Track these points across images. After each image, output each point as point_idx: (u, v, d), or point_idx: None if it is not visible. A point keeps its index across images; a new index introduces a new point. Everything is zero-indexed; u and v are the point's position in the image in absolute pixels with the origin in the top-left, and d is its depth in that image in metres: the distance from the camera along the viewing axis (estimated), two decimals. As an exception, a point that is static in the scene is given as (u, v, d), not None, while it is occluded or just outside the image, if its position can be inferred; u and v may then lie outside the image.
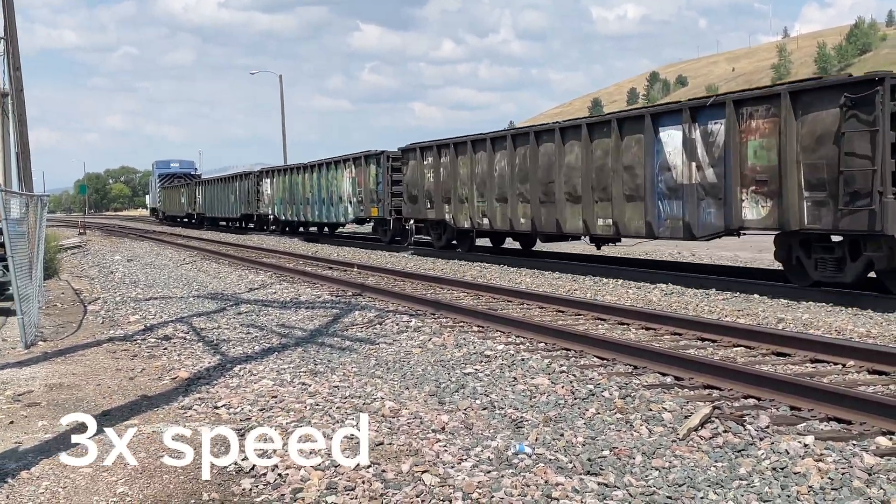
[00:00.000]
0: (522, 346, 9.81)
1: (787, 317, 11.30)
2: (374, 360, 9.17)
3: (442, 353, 9.39)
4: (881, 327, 10.35)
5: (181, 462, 5.66)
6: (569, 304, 12.56)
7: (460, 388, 7.69)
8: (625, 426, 6.36)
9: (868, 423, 6.07)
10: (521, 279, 17.21)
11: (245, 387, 7.98)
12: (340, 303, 14.02)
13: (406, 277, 17.60)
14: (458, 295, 14.76)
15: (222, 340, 10.67)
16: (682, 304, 12.85)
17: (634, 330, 10.68)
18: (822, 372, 8.00)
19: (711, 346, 9.47)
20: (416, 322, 11.64)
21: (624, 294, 14.28)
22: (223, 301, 14.68)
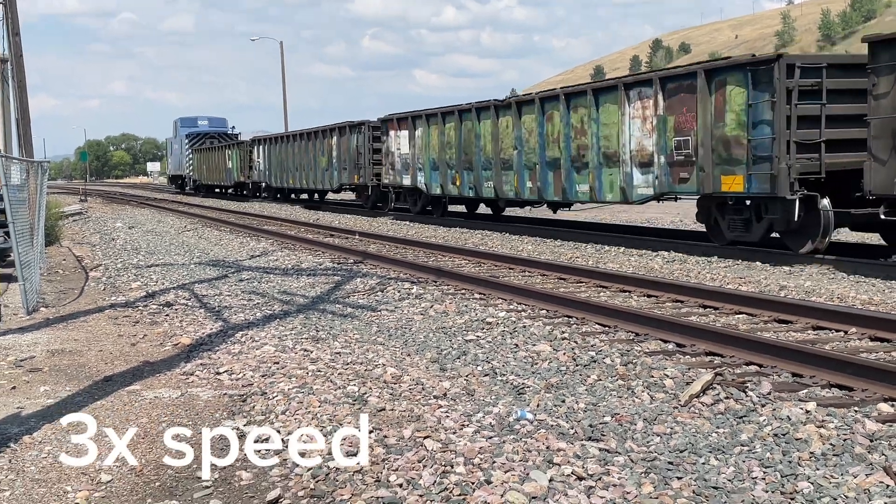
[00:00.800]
0: (524, 313, 9.80)
1: (790, 284, 11.28)
2: (375, 326, 9.17)
3: (443, 320, 9.39)
4: (883, 294, 10.33)
5: (182, 430, 5.68)
6: (571, 272, 12.54)
7: (462, 355, 7.70)
8: (626, 392, 6.36)
9: (870, 390, 6.07)
10: (524, 247, 17.19)
11: (247, 353, 7.98)
12: (342, 270, 14.01)
13: (408, 245, 17.57)
14: (460, 262, 14.74)
15: (224, 307, 10.67)
16: (685, 272, 12.83)
17: (636, 297, 10.67)
18: (823, 339, 8.00)
19: (713, 313, 9.46)
20: (417, 289, 11.63)
21: (626, 262, 14.26)
22: (225, 268, 14.67)
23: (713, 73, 14.42)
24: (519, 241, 18.21)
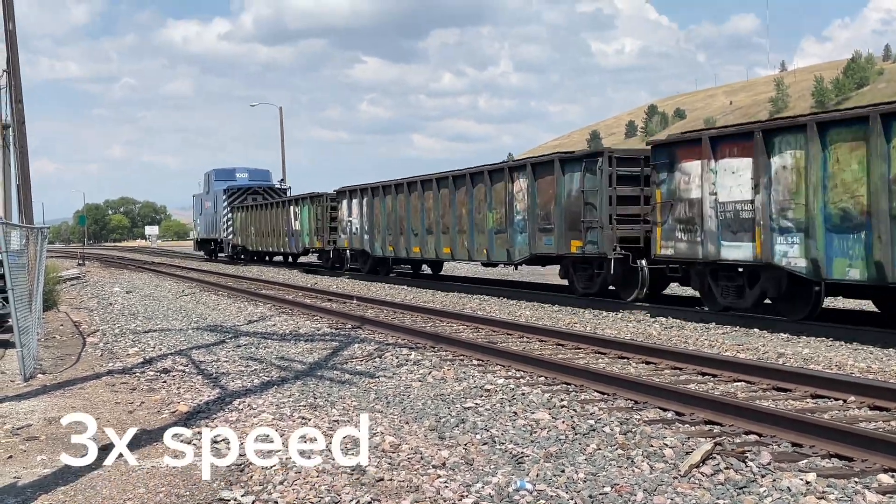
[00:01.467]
0: (522, 380, 9.79)
1: (788, 351, 11.28)
2: (373, 393, 9.14)
3: (442, 387, 9.37)
4: (881, 362, 10.33)
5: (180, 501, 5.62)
6: (568, 338, 12.55)
7: (461, 423, 7.67)
8: (626, 462, 6.34)
9: (870, 460, 6.05)
10: (521, 312, 17.20)
11: (244, 421, 7.95)
12: (340, 335, 14.00)
13: (406, 310, 17.59)
14: (458, 328, 14.74)
15: (221, 374, 10.64)
16: (682, 338, 12.84)
17: (634, 364, 10.67)
18: (822, 408, 7.99)
19: (712, 380, 9.45)
20: (415, 355, 11.62)
21: (624, 327, 14.27)
22: (222, 333, 14.66)
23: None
24: (517, 307, 18.23)
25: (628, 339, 12.28)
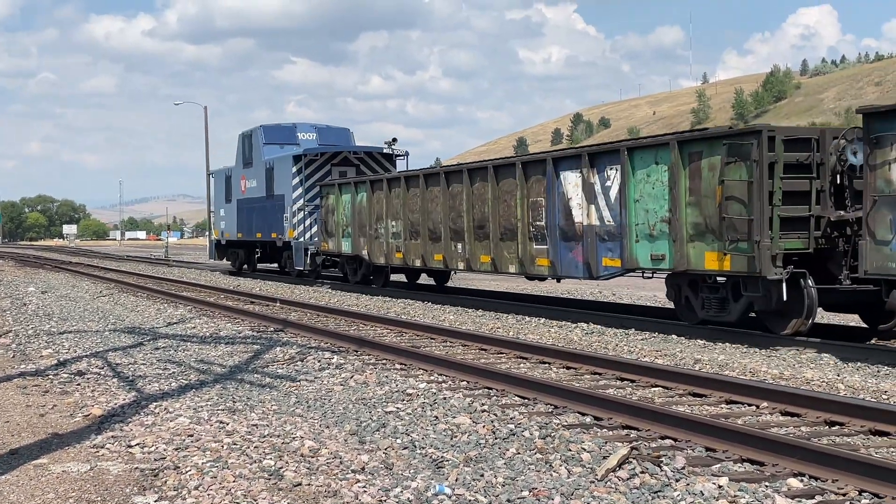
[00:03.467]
0: (445, 384, 9.81)
1: (704, 357, 11.51)
2: (294, 397, 9.06)
3: (364, 391, 9.33)
4: (793, 369, 10.61)
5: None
6: (491, 343, 12.61)
7: (381, 427, 7.65)
8: (544, 466, 6.39)
9: (780, 465, 6.20)
10: (445, 316, 17.23)
11: (160, 424, 7.80)
12: (262, 338, 13.85)
13: (329, 313, 17.48)
14: (382, 332, 14.71)
15: (138, 376, 10.43)
16: (603, 344, 13.01)
17: (556, 369, 10.77)
18: (736, 413, 8.16)
19: (631, 385, 9.59)
20: (338, 359, 11.56)
21: (546, 333, 14.40)
22: (140, 335, 14.37)
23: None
24: (441, 311, 18.26)
25: (550, 345, 12.40)
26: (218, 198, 35.28)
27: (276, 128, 30.64)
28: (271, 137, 30.14)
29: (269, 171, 29.14)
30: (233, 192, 32.77)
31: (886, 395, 8.99)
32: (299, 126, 30.76)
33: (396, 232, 21.98)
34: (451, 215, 19.71)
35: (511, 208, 17.62)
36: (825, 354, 11.59)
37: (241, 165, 31.85)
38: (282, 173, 28.04)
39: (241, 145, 31.98)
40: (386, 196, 22.41)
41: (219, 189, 35.12)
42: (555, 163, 16.46)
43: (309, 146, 29.16)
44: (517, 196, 17.38)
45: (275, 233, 28.62)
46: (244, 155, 31.63)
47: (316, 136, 30.34)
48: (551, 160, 16.58)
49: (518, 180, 17.38)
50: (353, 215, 24.11)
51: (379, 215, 22.78)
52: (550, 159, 16.65)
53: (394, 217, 22.07)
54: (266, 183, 29.30)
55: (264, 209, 29.52)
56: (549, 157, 16.86)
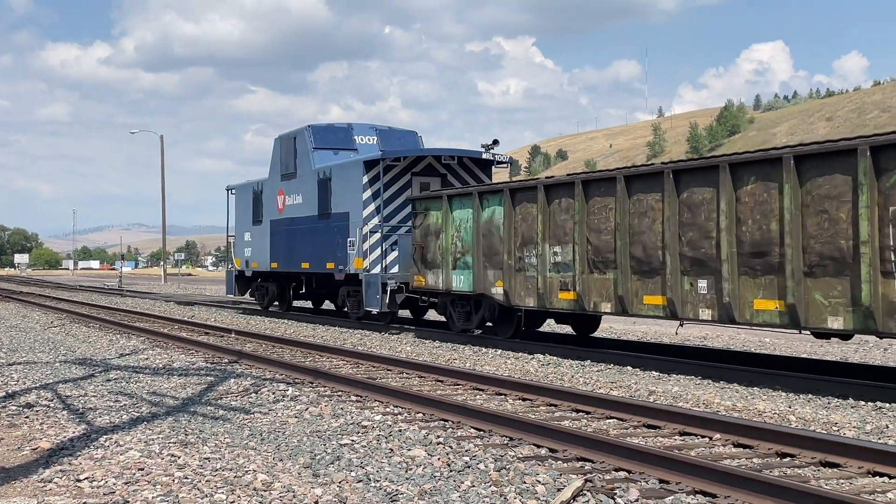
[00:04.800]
0: (400, 416, 9.76)
1: (658, 389, 11.59)
2: (248, 430, 8.96)
3: (318, 424, 9.25)
4: (746, 401, 10.71)
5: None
6: (448, 374, 12.59)
7: (336, 460, 7.59)
8: (499, 499, 6.37)
9: (732, 497, 6.24)
10: (402, 348, 17.18)
11: (110, 458, 7.67)
12: (216, 370, 13.70)
13: (285, 344, 17.35)
14: (338, 363, 14.62)
15: (89, 409, 10.26)
16: (559, 376, 13.05)
17: (511, 401, 10.77)
18: (690, 445, 8.21)
19: (586, 417, 9.62)
20: (293, 391, 11.46)
21: (502, 364, 14.41)
22: (92, 367, 14.15)
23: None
24: (397, 342, 18.21)
25: (506, 376, 12.41)
26: (241, 219, 28.58)
27: (328, 129, 24.40)
28: (322, 141, 23.89)
29: (322, 183, 22.83)
30: (264, 212, 26.57)
31: (836, 426, 9.11)
32: (356, 127, 24.53)
33: (563, 261, 15.36)
34: (686, 236, 13.03)
35: (838, 222, 11.06)
36: (777, 386, 11.73)
37: (279, 177, 25.40)
38: (344, 185, 21.84)
39: (278, 152, 25.53)
40: (541, 210, 15.74)
41: (242, 208, 28.41)
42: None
43: (368, 153, 22.85)
44: (854, 203, 10.87)
45: (332, 262, 22.29)
46: (283, 164, 25.18)
47: (377, 139, 24.22)
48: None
49: (862, 177, 10.75)
50: (474, 239, 17.41)
51: (527, 238, 16.14)
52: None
53: (559, 240, 15.43)
54: (318, 198, 23.08)
55: (314, 232, 23.30)
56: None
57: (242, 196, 28.62)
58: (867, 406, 10.33)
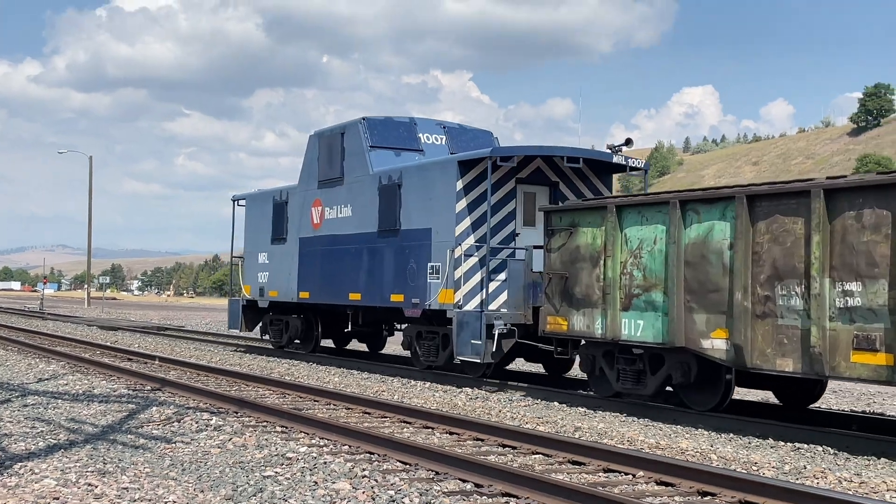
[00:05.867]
0: (326, 448, 9.66)
1: (584, 425, 11.67)
2: (169, 459, 8.78)
3: (242, 454, 9.11)
4: (669, 439, 10.85)
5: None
6: (376, 406, 12.51)
7: (258, 492, 7.47)
8: (423, 534, 6.33)
9: (654, 534, 6.27)
10: (330, 378, 17.04)
11: (24, 486, 7.44)
12: (138, 397, 13.41)
13: (210, 373, 17.07)
14: (264, 393, 14.44)
15: (3, 435, 9.95)
16: (487, 410, 13.06)
17: (439, 434, 10.75)
18: (613, 482, 8.28)
19: (512, 452, 9.63)
20: (216, 420, 11.28)
21: (431, 397, 14.38)
22: (8, 391, 13.74)
23: None
24: (326, 373, 18.06)
25: (434, 409, 12.38)
26: (254, 237, 23.50)
27: (387, 124, 19.38)
28: (381, 138, 19.05)
29: (387, 191, 17.95)
30: (290, 227, 21.55)
31: (756, 466, 9.27)
32: (419, 123, 19.76)
33: (864, 306, 10.23)
34: None
35: None
36: (700, 425, 11.91)
37: (315, 184, 20.45)
38: (425, 193, 17.02)
39: (315, 153, 20.58)
40: (819, 227, 10.62)
41: (256, 223, 23.39)
42: None
43: (436, 155, 18.88)
44: None
45: (399, 293, 17.49)
46: (322, 167, 20.22)
47: (445, 138, 19.68)
48: None
49: None
50: (670, 268, 12.29)
51: (784, 269, 11.04)
52: None
53: (856, 274, 10.31)
54: (380, 210, 18.12)
55: (372, 254, 18.41)
56: None
57: (257, 208, 23.48)
58: (786, 446, 10.54)
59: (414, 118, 19.79)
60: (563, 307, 14.10)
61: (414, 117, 19.75)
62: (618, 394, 13.60)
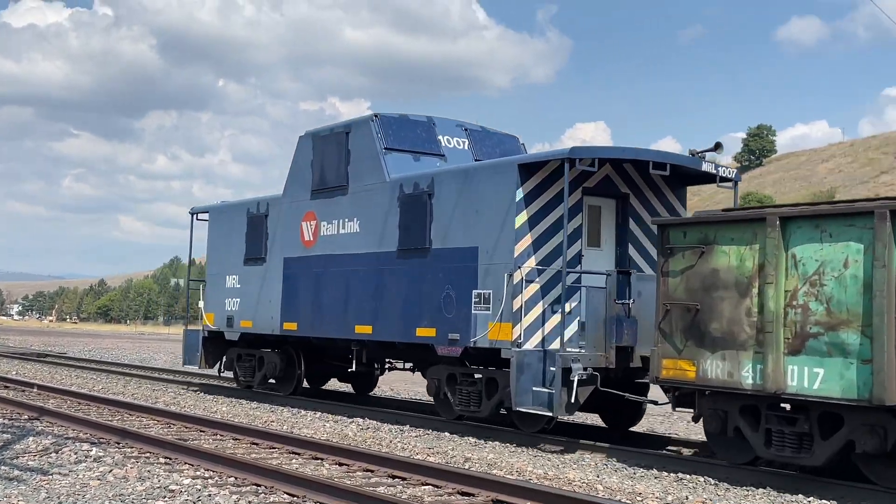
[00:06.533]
0: (211, 480, 9.43)
1: (474, 456, 11.71)
2: (45, 492, 8.44)
3: (123, 486, 8.82)
4: (557, 469, 10.97)
5: None
6: (264, 437, 12.31)
7: (139, 526, 7.23)
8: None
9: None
10: (218, 408, 16.68)
11: None
12: (13, 427, 12.86)
13: (92, 401, 16.51)
14: (148, 423, 14.03)
15: None
16: (377, 440, 12.98)
17: (328, 465, 10.62)
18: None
19: (402, 483, 9.59)
20: (97, 451, 10.89)
21: (321, 427, 14.22)
22: None
23: None
24: (213, 402, 17.67)
25: (324, 440, 12.24)
26: (221, 256, 20.15)
27: (403, 123, 16.48)
28: (397, 139, 16.18)
29: (412, 202, 15.03)
30: (272, 245, 18.35)
31: (640, 496, 9.45)
32: (438, 123, 17.03)
33: None
34: None
35: None
36: (586, 457, 12.09)
37: (308, 193, 17.42)
38: (471, 204, 14.03)
39: (307, 156, 17.55)
40: None
41: (223, 241, 20.14)
42: None
43: (458, 161, 16.16)
44: None
45: (429, 327, 14.53)
46: (317, 173, 17.24)
47: (468, 142, 17.05)
48: None
49: None
50: (875, 301, 9.45)
51: None
52: None
53: None
54: (401, 224, 15.16)
55: (387, 278, 15.44)
56: None
57: (224, 223, 20.11)
58: (670, 477, 10.78)
59: (432, 117, 16.99)
60: (688, 347, 11.05)
61: (431, 116, 17.01)
62: (756, 459, 10.77)
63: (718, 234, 10.98)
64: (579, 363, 12.38)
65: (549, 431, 13.17)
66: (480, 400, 13.82)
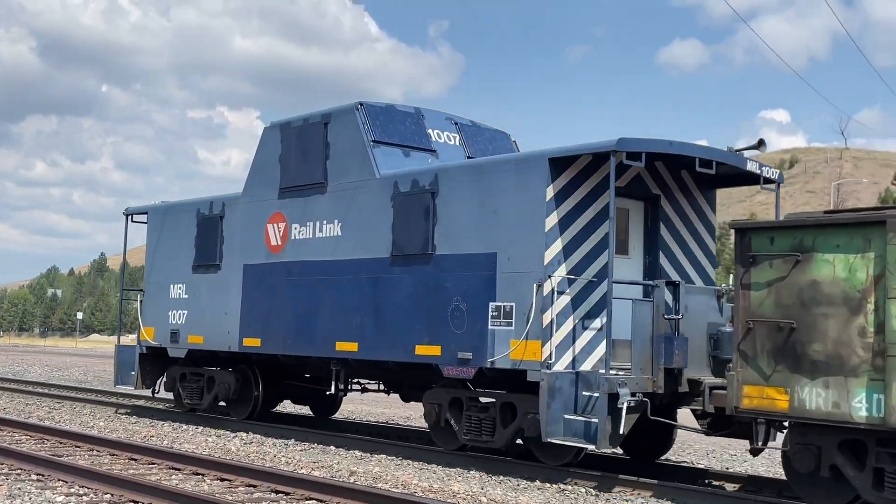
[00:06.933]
0: (86, 497, 9.15)
1: (360, 469, 11.66)
2: None
3: (-10, 506, 8.47)
4: (442, 482, 11.01)
5: None
6: (143, 452, 11.99)
7: (7, 547, 6.95)
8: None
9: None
10: (95, 423, 16.17)
11: None
12: None
13: (-41, 416, 15.79)
14: (20, 438, 13.50)
15: None
16: (261, 455, 12.79)
17: (210, 481, 10.42)
18: (386, 526, 8.29)
19: (286, 498, 9.48)
20: (-37, 469, 10.43)
21: (203, 442, 13.93)
22: None
23: None
24: (91, 417, 17.12)
25: (205, 455, 12.00)
26: (162, 263, 17.85)
27: (390, 113, 14.64)
28: (385, 131, 14.30)
29: (409, 201, 13.23)
30: (226, 251, 16.21)
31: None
32: (427, 116, 15.24)
33: None
34: None
35: None
36: (472, 468, 12.17)
37: (274, 192, 15.33)
38: (485, 203, 12.32)
39: (275, 151, 15.38)
40: None
41: (165, 245, 17.82)
42: None
43: (451, 157, 14.70)
44: None
45: (433, 345, 12.72)
46: (286, 170, 15.17)
47: (459, 138, 15.31)
48: None
49: None
50: None
51: None
52: None
53: None
54: (395, 226, 13.35)
55: (378, 288, 13.53)
56: None
57: (168, 225, 17.76)
58: (552, 488, 10.94)
59: (420, 109, 15.21)
60: (779, 373, 9.48)
61: (419, 108, 15.23)
62: (853, 502, 9.34)
63: (818, 239, 9.35)
64: (626, 387, 10.66)
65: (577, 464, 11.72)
66: (494, 428, 12.11)
